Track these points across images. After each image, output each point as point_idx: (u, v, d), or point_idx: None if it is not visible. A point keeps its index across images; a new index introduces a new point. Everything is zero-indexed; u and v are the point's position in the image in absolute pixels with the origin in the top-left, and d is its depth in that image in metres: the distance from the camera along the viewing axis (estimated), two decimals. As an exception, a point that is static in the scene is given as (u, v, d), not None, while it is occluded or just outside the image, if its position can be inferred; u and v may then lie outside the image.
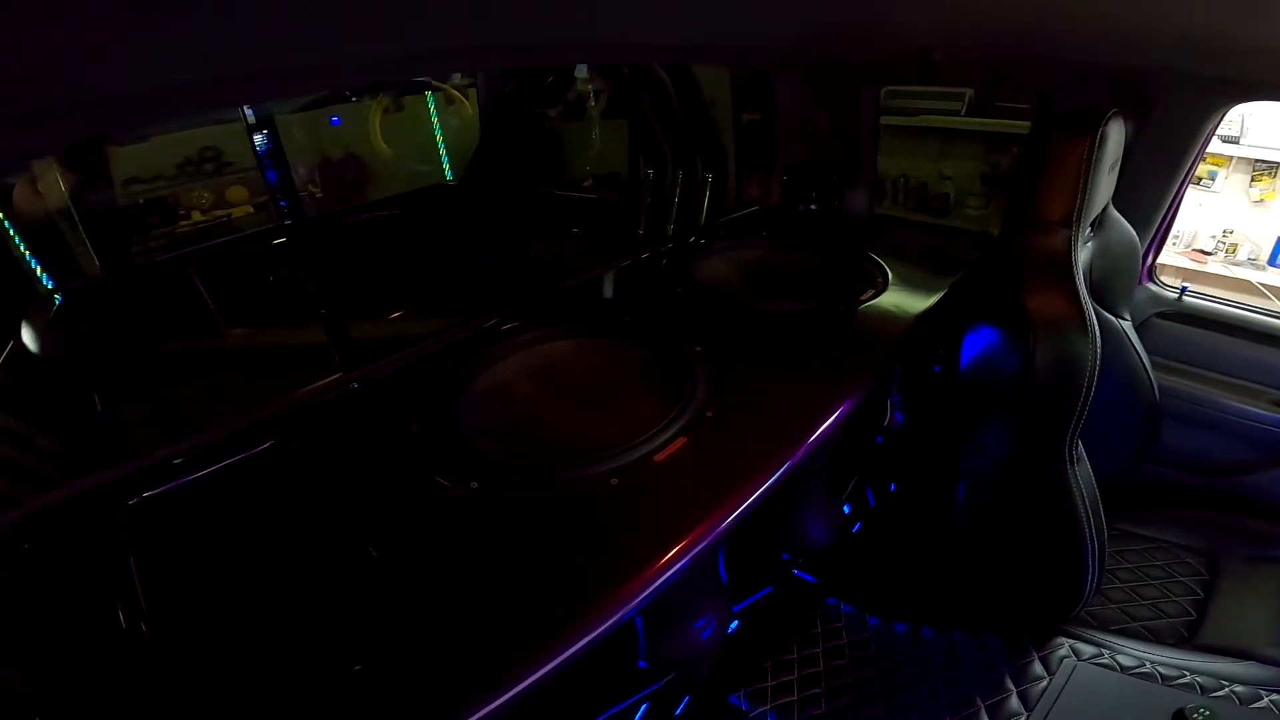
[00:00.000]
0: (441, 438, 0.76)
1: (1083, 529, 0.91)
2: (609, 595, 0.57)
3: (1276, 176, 2.41)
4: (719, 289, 1.17)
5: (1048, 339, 0.85)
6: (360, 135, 2.05)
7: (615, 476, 0.69)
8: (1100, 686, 1.02)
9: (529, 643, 0.54)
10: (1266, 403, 1.33)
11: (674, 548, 0.61)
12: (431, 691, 0.52)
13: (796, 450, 0.73)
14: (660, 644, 0.72)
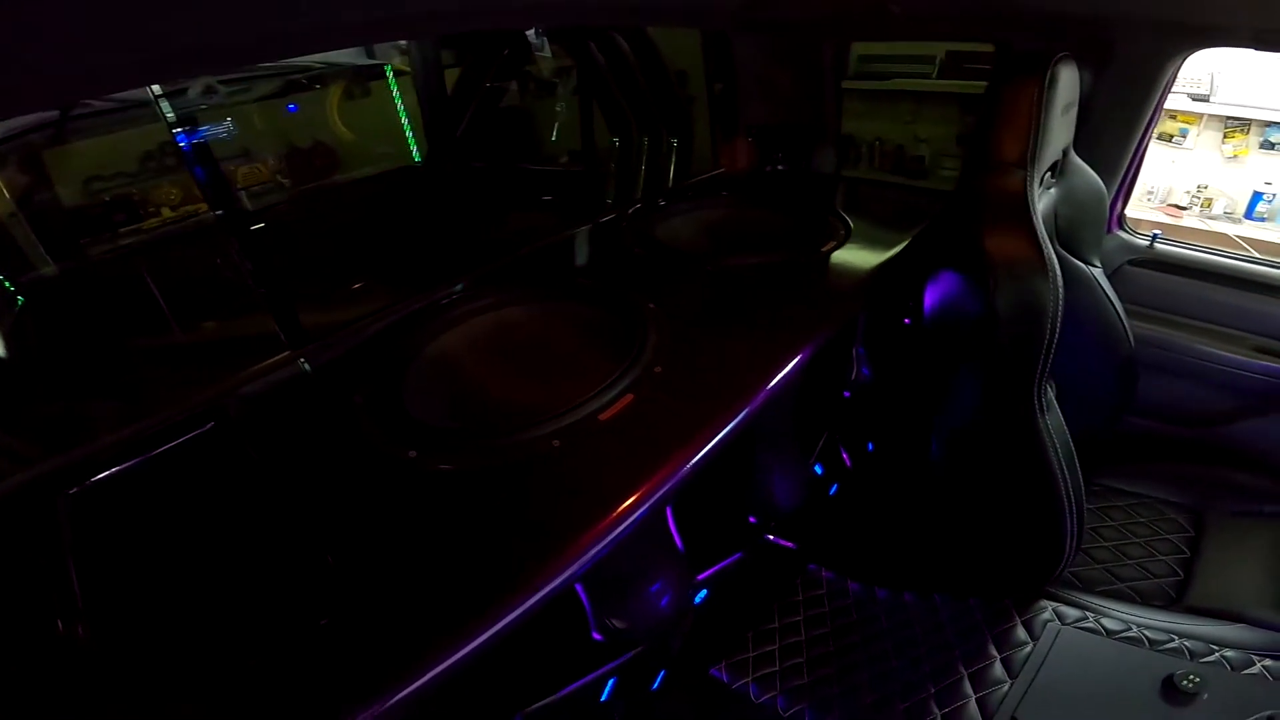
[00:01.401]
0: (383, 408, 0.72)
1: (1057, 482, 0.85)
2: (547, 560, 0.53)
3: (1249, 133, 2.36)
4: (678, 248, 1.11)
5: (1008, 281, 0.81)
6: (322, 121, 1.97)
7: (557, 438, 0.65)
8: (1086, 652, 0.97)
9: (464, 610, 0.51)
10: (1246, 349, 1.28)
11: (616, 508, 0.56)
12: (382, 655, 0.49)
13: (749, 402, 0.68)
14: (613, 612, 0.66)
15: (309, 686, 0.49)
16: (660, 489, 0.58)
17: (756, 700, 1.03)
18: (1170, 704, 0.89)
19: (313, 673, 0.50)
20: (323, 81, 2.00)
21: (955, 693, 0.97)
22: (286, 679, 0.50)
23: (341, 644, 0.51)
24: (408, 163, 2.02)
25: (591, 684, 0.76)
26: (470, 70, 1.59)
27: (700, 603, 0.87)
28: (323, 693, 0.49)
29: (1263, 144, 2.36)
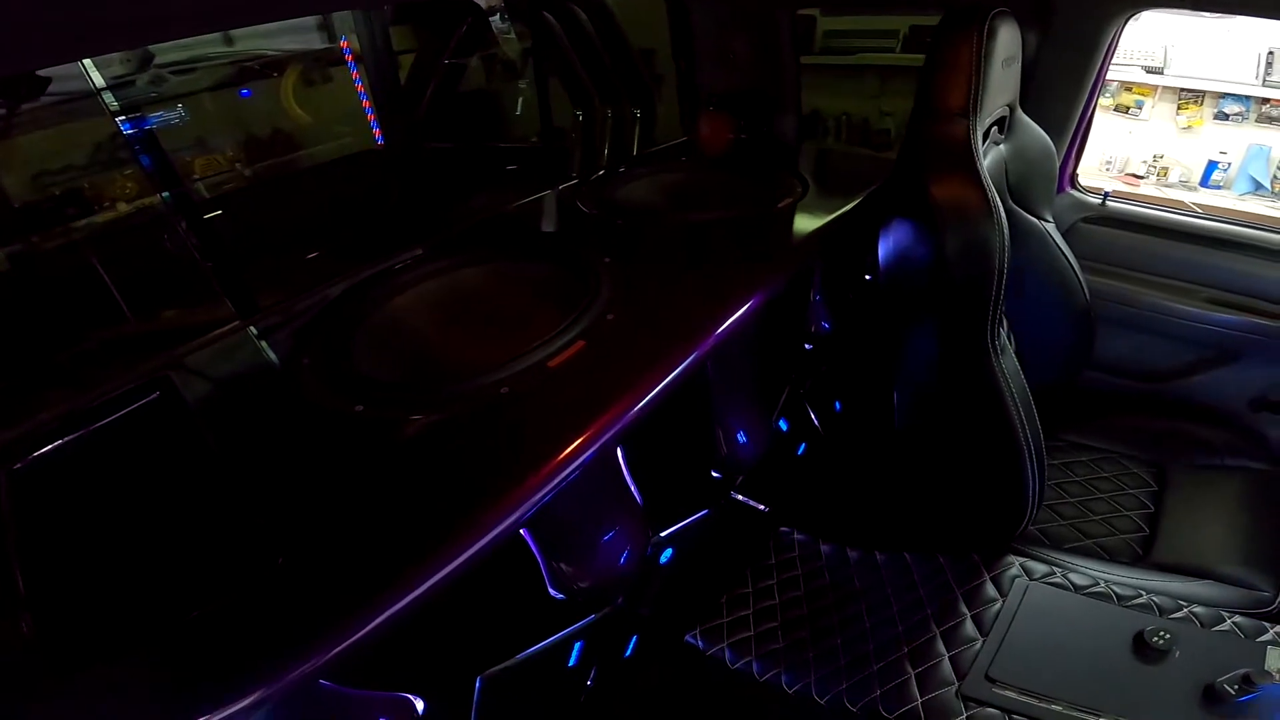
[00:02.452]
0: (331, 368, 0.70)
1: (1015, 428, 0.84)
2: (490, 503, 0.52)
3: (1202, 104, 2.39)
4: (634, 207, 1.10)
5: (955, 225, 0.81)
6: (280, 108, 1.89)
7: (506, 385, 0.63)
8: (1055, 608, 0.96)
9: (404, 557, 0.50)
10: (1199, 301, 1.31)
11: (562, 451, 0.55)
12: (324, 605, 0.49)
13: (699, 344, 0.67)
14: (568, 565, 0.63)
15: (253, 637, 0.48)
16: (608, 430, 0.57)
17: (732, 666, 1.02)
18: (1143, 661, 0.89)
19: (257, 623, 0.49)
20: (278, 68, 1.92)
21: (928, 652, 0.97)
22: (230, 630, 0.48)
23: (284, 595, 0.50)
24: (370, 146, 1.95)
25: (557, 647, 0.74)
26: (427, 49, 1.53)
27: (667, 563, 0.85)
28: (267, 643, 0.47)
29: (1216, 115, 2.39)
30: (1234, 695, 0.81)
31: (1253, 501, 1.18)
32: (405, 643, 0.59)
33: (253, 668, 0.46)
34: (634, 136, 1.42)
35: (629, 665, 0.99)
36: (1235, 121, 2.39)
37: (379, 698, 0.57)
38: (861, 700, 0.96)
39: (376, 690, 0.57)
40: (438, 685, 0.62)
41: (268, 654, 0.47)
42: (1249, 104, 2.38)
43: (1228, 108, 2.39)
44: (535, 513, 0.59)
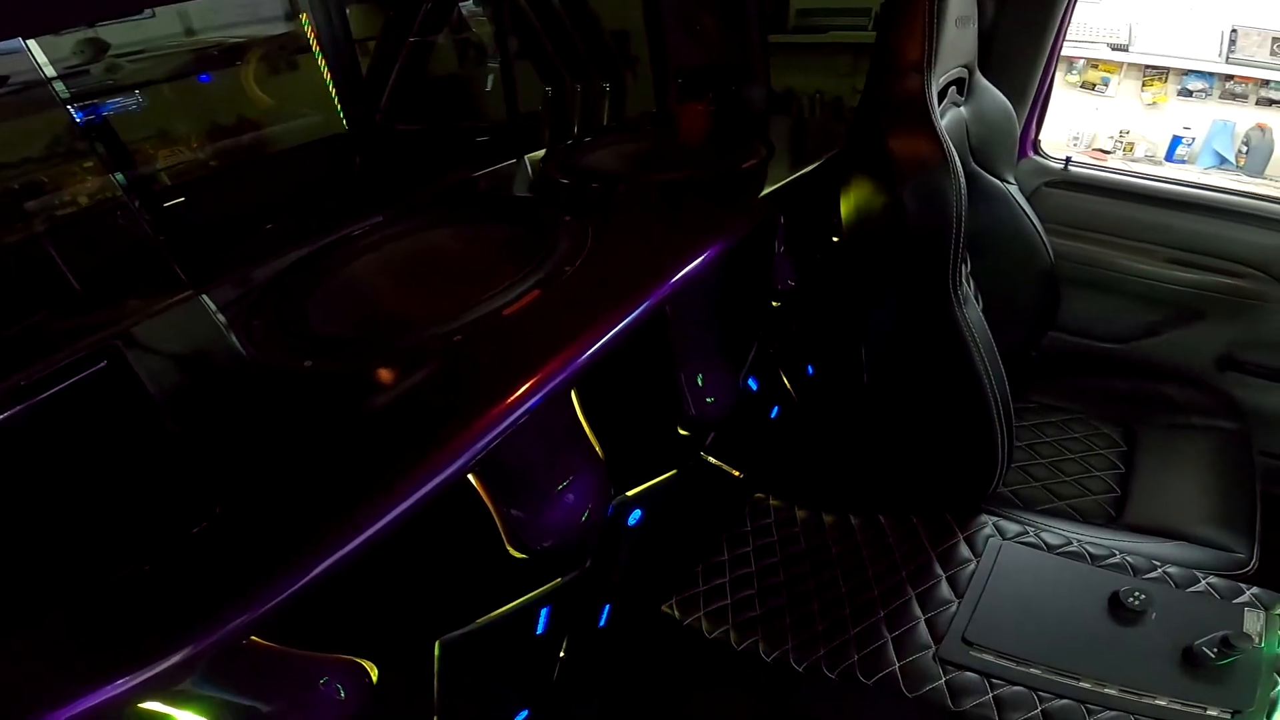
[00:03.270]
0: (281, 328, 0.68)
1: (981, 378, 0.84)
2: (439, 445, 0.50)
3: (1167, 81, 2.42)
4: (598, 172, 1.08)
5: (913, 178, 0.81)
6: (243, 95, 1.84)
7: (459, 334, 0.61)
8: (1029, 568, 0.96)
9: (346, 503, 0.48)
10: (1161, 261, 1.33)
11: (512, 394, 0.53)
12: (265, 554, 0.47)
13: (656, 290, 0.66)
14: (528, 520, 0.61)
15: (183, 593, 0.46)
16: (561, 373, 0.55)
17: (709, 636, 1.00)
18: (1120, 624, 0.88)
19: (188, 578, 0.46)
20: (239, 54, 1.87)
21: (904, 615, 0.96)
22: (159, 587, 0.46)
23: (217, 549, 0.48)
24: (338, 130, 1.91)
25: (523, 613, 0.71)
26: (391, 29, 1.50)
27: (636, 526, 0.83)
28: (197, 598, 0.45)
29: (1180, 91, 2.42)
30: (1213, 659, 0.81)
31: (1223, 461, 1.18)
32: (356, 602, 0.56)
33: (181, 624, 0.43)
34: (604, 110, 1.40)
35: (603, 636, 0.97)
36: (1199, 98, 2.42)
37: (326, 660, 0.54)
38: (840, 666, 0.94)
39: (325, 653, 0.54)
40: (393, 649, 0.60)
41: (197, 610, 0.44)
42: (1212, 81, 2.41)
43: (1191, 84, 2.41)
44: (488, 460, 0.57)
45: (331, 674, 0.54)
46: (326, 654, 0.54)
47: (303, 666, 0.52)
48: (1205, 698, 0.79)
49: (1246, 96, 2.41)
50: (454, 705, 0.76)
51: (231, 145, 1.87)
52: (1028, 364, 1.46)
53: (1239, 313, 1.33)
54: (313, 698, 0.53)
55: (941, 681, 0.88)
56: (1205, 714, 0.79)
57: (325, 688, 0.54)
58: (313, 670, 0.53)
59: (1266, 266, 1.31)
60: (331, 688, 0.54)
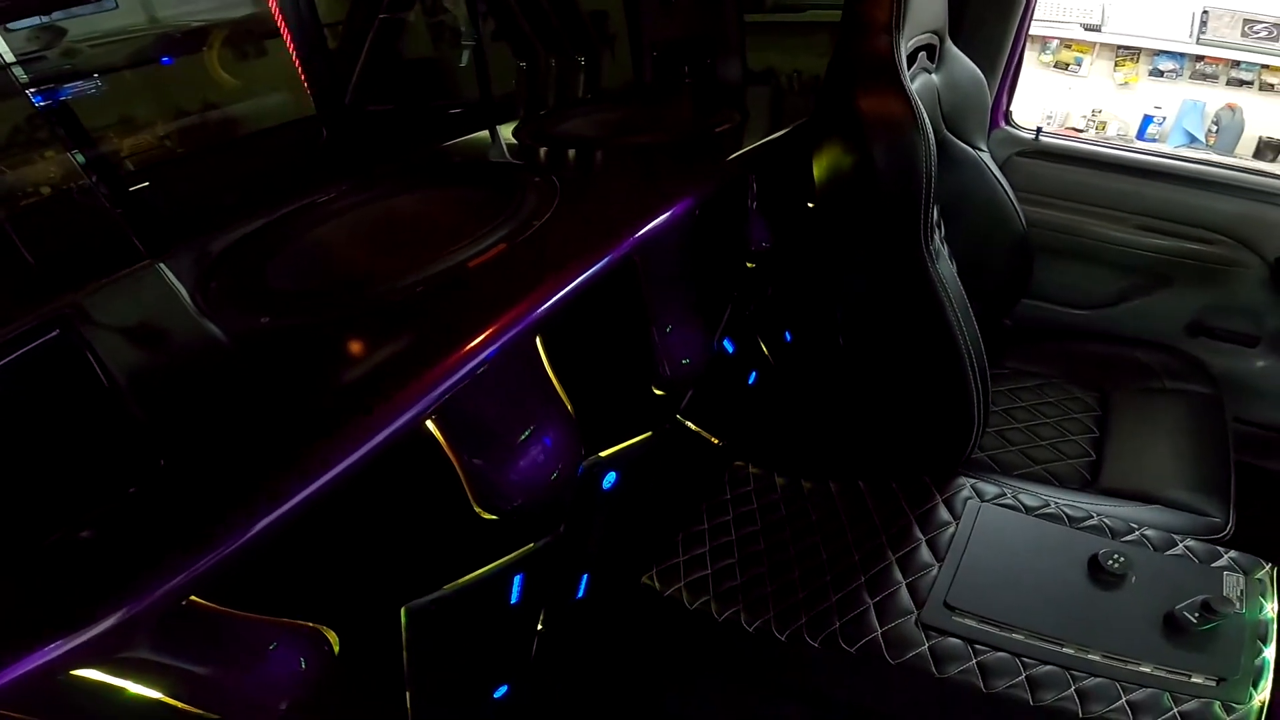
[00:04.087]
0: (240, 288, 0.66)
1: (955, 332, 0.83)
2: (394, 391, 0.48)
3: (1138, 61, 2.44)
4: (572, 136, 1.06)
5: (882, 136, 0.80)
6: (209, 80, 1.79)
7: (421, 285, 0.60)
8: (1008, 530, 0.95)
9: (293, 452, 0.46)
10: (1131, 228, 1.33)
11: (471, 340, 0.51)
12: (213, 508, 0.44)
13: (624, 241, 0.64)
14: (494, 477, 0.59)
15: (121, 553, 0.43)
16: (524, 319, 0.53)
17: (690, 607, 0.98)
18: (1100, 587, 0.87)
19: (127, 537, 0.44)
20: (201, 38, 1.81)
21: (885, 580, 0.95)
22: (96, 547, 0.43)
23: (159, 506, 0.45)
24: (307, 112, 1.85)
25: (495, 580, 0.69)
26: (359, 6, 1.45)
27: (612, 490, 0.80)
28: (135, 558, 0.42)
29: (1151, 71, 2.44)
30: (1196, 624, 0.80)
31: (1196, 425, 1.19)
32: (314, 565, 0.54)
33: (114, 586, 0.40)
34: (579, 82, 1.38)
35: (582, 608, 0.95)
36: (1170, 78, 2.44)
37: (279, 625, 0.51)
38: (822, 634, 0.93)
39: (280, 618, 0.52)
40: (356, 616, 0.57)
41: (132, 570, 0.41)
42: (1183, 61, 2.44)
43: (1162, 65, 2.44)
44: (450, 412, 0.55)
45: (286, 640, 0.51)
46: (280, 619, 0.51)
47: (252, 631, 0.50)
48: (1189, 664, 0.79)
49: (1217, 77, 2.45)
50: (427, 678, 0.74)
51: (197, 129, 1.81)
52: (1002, 332, 1.48)
53: (1208, 279, 1.34)
54: (265, 664, 0.50)
55: (925, 648, 0.87)
56: (1190, 681, 0.78)
57: (281, 655, 0.51)
58: (265, 635, 0.50)
59: (1235, 233, 1.32)
60: (287, 655, 0.52)
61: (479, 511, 0.60)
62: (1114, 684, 0.79)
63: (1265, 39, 2.32)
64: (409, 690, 0.74)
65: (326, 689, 0.61)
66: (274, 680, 0.51)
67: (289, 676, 0.52)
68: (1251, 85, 2.41)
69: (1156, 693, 0.78)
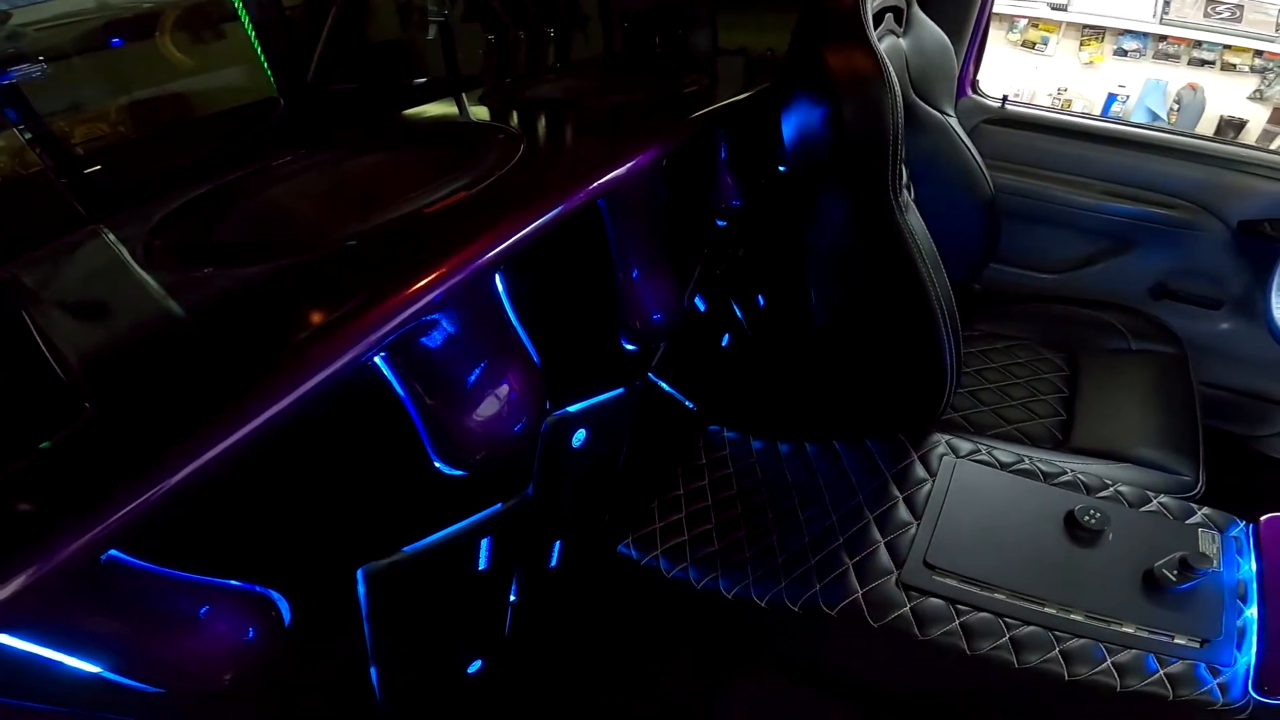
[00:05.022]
0: (184, 243, 0.62)
1: (925, 283, 0.82)
2: (337, 328, 0.45)
3: (1103, 40, 2.48)
4: (539, 99, 1.04)
5: (850, 90, 0.80)
6: (164, 63, 1.71)
7: (376, 231, 0.57)
8: (984, 486, 0.94)
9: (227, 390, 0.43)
10: (1096, 193, 1.35)
11: (428, 275, 0.48)
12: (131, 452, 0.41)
13: (587, 186, 0.62)
14: (452, 426, 0.56)
15: (35, 502, 0.38)
16: (481, 256, 0.50)
17: (668, 575, 0.96)
18: (1078, 544, 0.87)
19: (42, 486, 0.40)
20: (153, 21, 1.73)
21: (864, 539, 0.93)
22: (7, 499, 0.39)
23: (78, 453, 0.41)
24: (268, 94, 1.78)
25: (459, 542, 0.66)
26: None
27: (582, 448, 0.78)
28: (49, 507, 0.38)
29: (1116, 51, 2.49)
30: (1174, 581, 0.80)
31: (1163, 384, 1.20)
32: (258, 522, 0.50)
33: (20, 541, 0.36)
34: (549, 54, 1.34)
35: (558, 580, 0.92)
36: (1134, 57, 2.48)
37: (219, 589, 0.48)
38: (802, 597, 0.91)
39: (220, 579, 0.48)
40: (305, 578, 0.53)
41: (40, 523, 0.37)
42: (1146, 41, 2.48)
43: (1127, 44, 2.48)
44: (405, 357, 0.52)
45: (226, 604, 0.48)
46: (217, 580, 0.48)
47: (186, 593, 0.46)
48: (1172, 625, 0.79)
49: (1179, 57, 2.49)
50: (392, 651, 0.70)
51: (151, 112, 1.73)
52: (972, 296, 1.49)
53: (1171, 243, 1.36)
54: (203, 630, 0.46)
55: (906, 609, 0.86)
56: (1173, 643, 0.78)
57: (221, 620, 0.47)
58: (200, 597, 0.46)
59: (1197, 198, 1.34)
60: (229, 620, 0.48)
61: (440, 467, 0.57)
62: (1098, 645, 0.78)
63: (1227, 19, 2.37)
64: (374, 664, 0.70)
65: (280, 660, 0.57)
66: (214, 647, 0.48)
67: (231, 643, 0.49)
68: (1213, 65, 2.46)
69: (1140, 654, 0.77)
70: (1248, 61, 2.42)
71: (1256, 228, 1.30)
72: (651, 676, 1.05)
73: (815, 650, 1.03)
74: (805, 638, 0.99)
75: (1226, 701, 0.74)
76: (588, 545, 0.96)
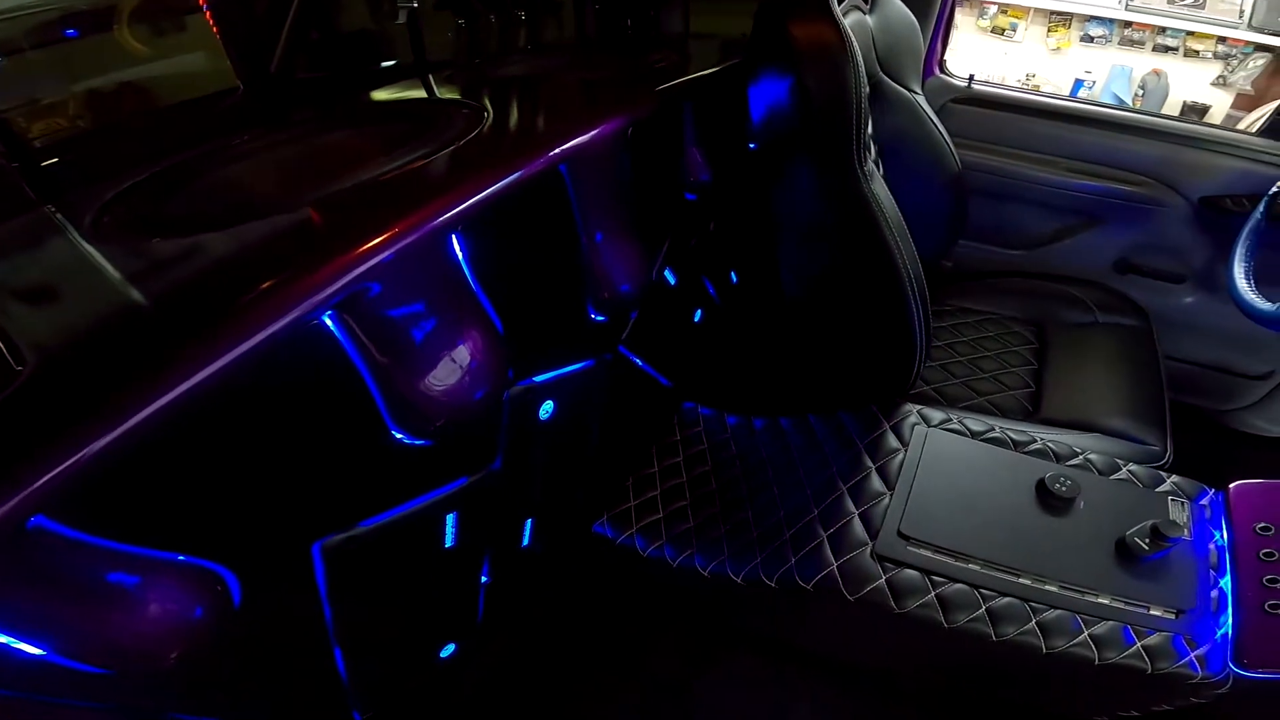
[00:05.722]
0: (134, 216, 0.61)
1: (892, 251, 0.82)
2: (285, 285, 0.44)
3: (1070, 27, 2.51)
4: (506, 77, 1.02)
5: (813, 60, 0.80)
6: (121, 54, 1.66)
7: (328, 198, 0.55)
8: (956, 455, 0.94)
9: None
10: (1062, 170, 1.36)
11: (380, 234, 0.47)
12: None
13: (548, 150, 0.62)
14: (408, 390, 0.54)
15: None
16: (438, 215, 0.49)
17: (644, 553, 0.95)
18: (1050, 513, 0.87)
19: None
20: (110, 14, 1.67)
21: (838, 511, 0.93)
22: None
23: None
24: (229, 84, 1.74)
25: (423, 516, 0.64)
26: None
27: (550, 420, 0.76)
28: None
29: (1082, 37, 2.53)
30: (1146, 550, 0.80)
31: (1130, 356, 1.21)
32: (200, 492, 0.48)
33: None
34: (520, 37, 1.32)
35: (532, 561, 0.91)
36: (1100, 44, 2.53)
37: (163, 560, 0.46)
38: (777, 572, 0.91)
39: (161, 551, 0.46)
40: (254, 553, 0.52)
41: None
42: (1112, 27, 2.52)
43: (1093, 30, 2.52)
44: (356, 316, 0.50)
45: (169, 577, 0.46)
46: (156, 550, 0.46)
47: (121, 564, 0.44)
48: (1146, 596, 0.79)
49: (1143, 43, 2.54)
50: (357, 634, 0.68)
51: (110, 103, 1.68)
52: (942, 274, 1.50)
53: (1134, 218, 1.38)
54: (140, 603, 0.44)
55: (882, 580, 0.85)
56: (1149, 614, 0.78)
57: (162, 594, 0.46)
58: (139, 568, 0.44)
59: (1159, 174, 1.36)
60: (170, 595, 0.46)
61: (399, 436, 0.55)
62: (1074, 616, 0.78)
63: (1190, 6, 2.41)
64: (338, 647, 0.68)
65: (235, 640, 0.55)
66: (157, 624, 0.46)
67: (176, 620, 0.47)
68: (1176, 51, 2.51)
69: (1117, 626, 0.77)
70: (1210, 48, 2.47)
71: (1217, 203, 1.33)
72: (632, 658, 1.04)
73: (794, 628, 1.03)
74: (784, 615, 0.99)
75: (1205, 675, 0.73)
76: (562, 524, 0.95)
